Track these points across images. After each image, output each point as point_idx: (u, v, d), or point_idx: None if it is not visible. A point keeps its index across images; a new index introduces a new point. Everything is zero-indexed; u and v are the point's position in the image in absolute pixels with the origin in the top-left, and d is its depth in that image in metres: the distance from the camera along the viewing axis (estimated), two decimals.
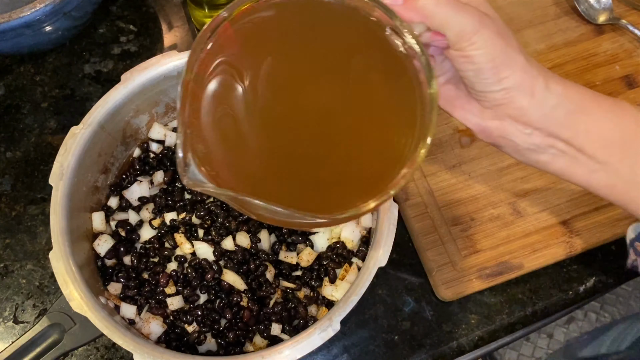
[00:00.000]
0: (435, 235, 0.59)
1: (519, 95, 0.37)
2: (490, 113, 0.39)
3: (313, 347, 0.44)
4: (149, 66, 0.53)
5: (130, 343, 0.44)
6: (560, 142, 0.39)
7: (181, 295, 0.52)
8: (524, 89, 0.37)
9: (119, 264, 0.54)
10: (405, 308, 0.58)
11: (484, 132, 0.41)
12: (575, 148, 0.39)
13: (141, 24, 0.74)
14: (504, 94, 0.37)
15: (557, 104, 0.38)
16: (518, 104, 0.37)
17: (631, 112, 0.38)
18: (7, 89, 0.70)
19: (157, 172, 0.58)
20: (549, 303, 0.58)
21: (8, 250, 0.61)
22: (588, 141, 0.38)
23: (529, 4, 0.71)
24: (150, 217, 0.56)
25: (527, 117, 0.38)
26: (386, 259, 0.46)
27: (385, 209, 0.48)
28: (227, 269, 0.53)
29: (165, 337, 0.51)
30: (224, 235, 0.54)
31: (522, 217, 0.60)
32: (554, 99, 0.37)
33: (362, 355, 0.56)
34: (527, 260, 0.58)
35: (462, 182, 0.62)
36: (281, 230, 0.55)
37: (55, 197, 0.49)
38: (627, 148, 0.38)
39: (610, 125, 0.38)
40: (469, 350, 0.57)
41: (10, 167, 0.66)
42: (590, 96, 0.38)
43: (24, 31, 0.60)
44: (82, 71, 0.71)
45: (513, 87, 0.37)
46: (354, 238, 0.54)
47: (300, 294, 0.53)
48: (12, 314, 0.59)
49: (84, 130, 0.51)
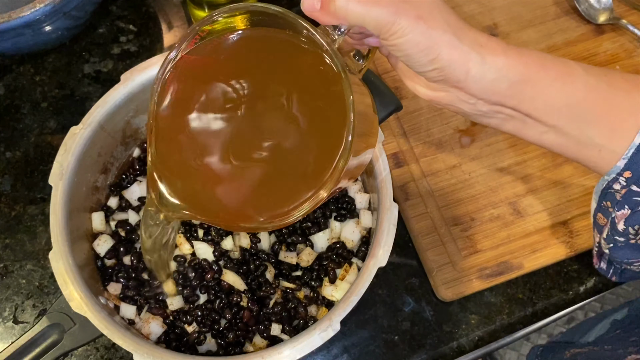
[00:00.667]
0: (435, 235, 0.59)
1: (453, 73, 0.37)
2: (435, 85, 0.40)
3: (313, 347, 0.44)
4: (149, 66, 0.53)
5: (130, 343, 0.44)
6: (507, 109, 0.39)
7: (181, 295, 0.52)
8: (457, 67, 0.37)
9: (119, 264, 0.54)
10: (405, 308, 0.58)
11: (433, 101, 0.42)
12: (523, 113, 0.39)
13: (141, 24, 0.74)
14: (438, 73, 0.38)
15: (498, 77, 0.37)
16: (455, 80, 0.38)
17: (580, 76, 0.38)
18: (7, 89, 0.70)
19: None
20: (549, 303, 0.58)
21: (8, 250, 0.61)
22: (534, 108, 0.39)
23: (529, 4, 0.71)
24: None
25: (468, 90, 0.38)
26: (386, 259, 0.46)
27: (385, 209, 0.48)
28: (227, 269, 0.53)
29: (165, 337, 0.51)
30: (224, 235, 0.54)
31: (522, 217, 0.60)
32: (493, 72, 0.37)
33: (362, 355, 0.56)
34: (527, 260, 0.58)
35: (462, 182, 0.62)
36: (281, 230, 0.55)
37: (55, 197, 0.49)
38: (574, 113, 0.39)
39: (557, 93, 0.38)
40: (469, 350, 0.57)
41: (10, 167, 0.66)
42: (537, 64, 0.38)
43: (24, 31, 0.60)
44: (82, 71, 0.71)
45: (445, 66, 0.37)
46: (354, 238, 0.54)
47: (300, 294, 0.53)
48: (12, 314, 0.59)
49: (84, 130, 0.51)
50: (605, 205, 0.43)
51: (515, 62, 0.38)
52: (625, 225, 0.41)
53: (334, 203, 0.56)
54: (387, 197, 0.49)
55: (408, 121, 0.65)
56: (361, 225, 0.54)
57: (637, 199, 0.39)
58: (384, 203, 0.49)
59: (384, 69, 0.68)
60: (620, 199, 0.40)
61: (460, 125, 0.65)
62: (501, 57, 0.37)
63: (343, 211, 0.55)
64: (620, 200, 0.40)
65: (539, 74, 0.38)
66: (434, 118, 0.65)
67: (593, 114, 0.38)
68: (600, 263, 0.51)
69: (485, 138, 0.64)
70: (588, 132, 0.39)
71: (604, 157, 0.39)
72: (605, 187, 0.41)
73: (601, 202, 0.43)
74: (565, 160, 0.62)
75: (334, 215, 0.55)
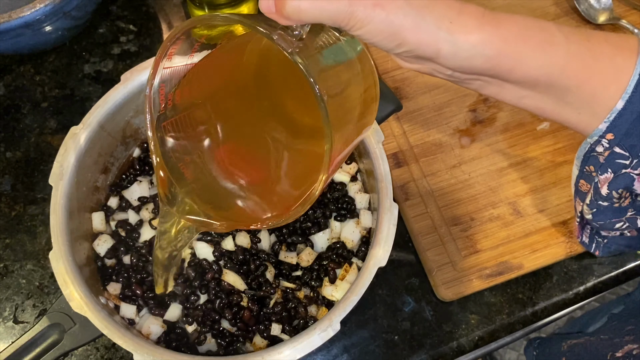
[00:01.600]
0: (435, 235, 0.59)
1: (424, 53, 0.36)
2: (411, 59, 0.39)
3: (313, 347, 0.44)
4: (149, 66, 0.53)
5: (130, 343, 0.44)
6: (484, 76, 0.39)
7: (178, 303, 0.52)
8: (427, 48, 0.36)
9: (119, 264, 0.54)
10: (405, 308, 0.58)
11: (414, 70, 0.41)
12: (501, 80, 0.39)
13: (141, 24, 0.74)
14: (409, 54, 0.37)
15: (472, 54, 0.36)
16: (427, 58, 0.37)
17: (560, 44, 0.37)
18: (7, 89, 0.70)
19: None
20: (549, 303, 0.58)
21: (8, 250, 0.61)
22: (511, 78, 0.38)
23: (528, 4, 0.71)
24: (150, 217, 0.56)
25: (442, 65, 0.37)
26: (386, 259, 0.46)
27: (385, 209, 0.48)
28: (227, 269, 0.53)
29: (165, 337, 0.51)
30: (224, 235, 0.54)
31: (522, 217, 0.60)
32: (467, 50, 0.36)
33: (362, 355, 0.56)
34: (527, 260, 0.58)
35: (462, 182, 0.62)
36: (281, 230, 0.55)
37: (55, 197, 0.49)
38: (554, 80, 0.38)
39: (536, 63, 0.37)
40: (469, 350, 0.57)
41: (10, 167, 0.66)
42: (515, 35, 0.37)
43: (24, 31, 0.60)
44: (82, 71, 0.71)
45: (413, 49, 0.36)
46: (354, 238, 0.54)
47: (300, 294, 0.53)
48: (12, 314, 0.59)
49: (84, 130, 0.51)
50: (587, 171, 0.42)
51: (491, 36, 0.36)
52: (609, 189, 0.41)
53: (334, 203, 0.56)
54: (387, 197, 0.49)
55: (408, 121, 0.65)
56: (361, 225, 0.54)
57: (620, 161, 0.39)
58: (384, 203, 0.49)
59: (384, 69, 0.68)
60: (603, 161, 0.40)
61: (460, 125, 0.65)
62: (474, 34, 0.36)
63: (343, 211, 0.55)
64: (603, 163, 0.40)
65: (517, 46, 0.36)
66: (434, 118, 0.65)
67: (574, 81, 0.37)
68: (582, 236, 0.50)
69: (485, 138, 0.64)
70: (567, 97, 0.38)
71: (582, 120, 0.39)
72: (588, 151, 0.41)
73: (583, 168, 0.42)
74: (565, 160, 0.62)
75: (334, 215, 0.55)
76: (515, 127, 0.64)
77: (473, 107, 0.66)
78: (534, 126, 0.64)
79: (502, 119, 0.65)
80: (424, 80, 0.67)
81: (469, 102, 0.66)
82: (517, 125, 0.64)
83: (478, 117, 0.65)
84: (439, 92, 0.66)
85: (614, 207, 0.43)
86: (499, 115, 0.65)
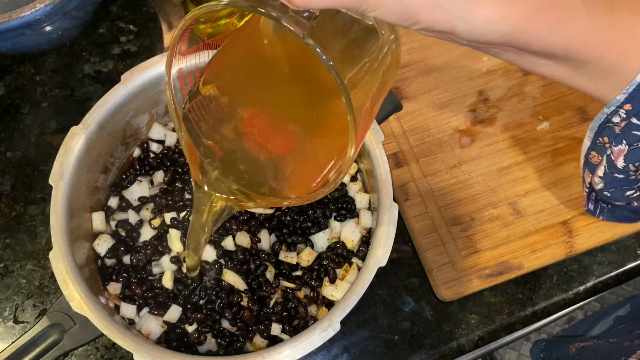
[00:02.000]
0: (435, 235, 0.59)
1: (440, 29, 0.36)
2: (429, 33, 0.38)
3: (313, 347, 0.44)
4: (149, 66, 0.53)
5: (130, 343, 0.44)
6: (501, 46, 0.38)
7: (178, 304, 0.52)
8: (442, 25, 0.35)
9: (119, 264, 0.54)
10: (405, 308, 0.58)
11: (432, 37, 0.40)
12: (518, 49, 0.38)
13: (141, 24, 0.74)
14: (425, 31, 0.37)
15: (488, 31, 0.36)
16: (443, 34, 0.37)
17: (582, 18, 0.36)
18: (7, 89, 0.70)
19: (157, 172, 0.58)
20: (549, 303, 0.58)
21: (8, 250, 0.61)
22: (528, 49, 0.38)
23: None
24: (150, 217, 0.56)
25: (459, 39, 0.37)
26: (386, 259, 0.46)
27: (385, 209, 0.48)
28: (227, 269, 0.53)
29: (165, 337, 0.51)
30: (224, 235, 0.54)
31: (522, 217, 0.60)
32: (483, 27, 0.35)
33: (362, 355, 0.56)
34: (527, 260, 0.58)
35: (462, 182, 0.62)
36: (281, 230, 0.55)
37: (55, 197, 0.49)
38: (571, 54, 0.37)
39: (554, 38, 0.37)
40: (469, 350, 0.57)
41: (10, 167, 0.66)
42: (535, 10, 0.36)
43: (24, 31, 0.60)
44: (82, 71, 0.71)
45: (428, 27, 0.36)
46: (354, 238, 0.54)
47: (300, 294, 0.53)
48: (12, 314, 0.59)
49: (84, 130, 0.51)
50: (601, 142, 0.42)
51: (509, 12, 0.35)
52: (625, 162, 0.41)
53: (334, 203, 0.56)
54: (387, 197, 0.49)
55: (408, 121, 0.65)
56: (361, 225, 0.54)
57: (636, 132, 0.39)
58: (384, 203, 0.49)
59: None
60: (619, 132, 0.40)
61: (460, 125, 0.65)
62: (490, 9, 0.35)
63: (343, 211, 0.55)
64: (619, 134, 0.40)
65: (536, 22, 0.36)
66: (434, 118, 0.65)
67: (593, 54, 0.37)
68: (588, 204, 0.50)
69: (485, 138, 0.64)
70: (585, 68, 0.38)
71: (599, 89, 0.39)
72: (604, 122, 0.40)
73: (596, 139, 0.42)
74: (565, 160, 0.63)
75: (334, 215, 0.55)
76: (515, 127, 0.64)
77: (473, 107, 0.66)
78: (534, 126, 0.64)
79: (502, 119, 0.65)
80: (424, 80, 0.67)
81: (469, 102, 0.66)
82: (517, 125, 0.64)
83: (478, 117, 0.65)
84: (439, 92, 0.66)
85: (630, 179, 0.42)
86: (499, 115, 0.65)
